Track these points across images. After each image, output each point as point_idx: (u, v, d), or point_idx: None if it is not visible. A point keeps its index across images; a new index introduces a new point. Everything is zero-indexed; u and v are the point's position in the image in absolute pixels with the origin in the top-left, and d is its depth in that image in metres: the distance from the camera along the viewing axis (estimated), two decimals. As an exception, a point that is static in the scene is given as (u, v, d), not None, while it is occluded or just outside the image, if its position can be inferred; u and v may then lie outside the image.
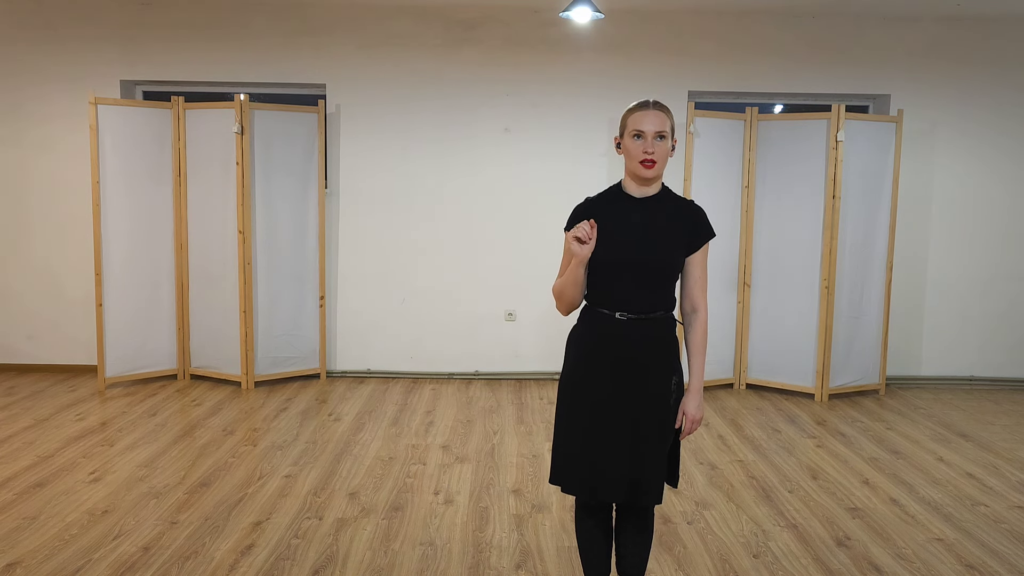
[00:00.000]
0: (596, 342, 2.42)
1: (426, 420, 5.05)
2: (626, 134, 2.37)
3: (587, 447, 2.40)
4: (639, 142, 2.33)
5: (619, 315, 2.37)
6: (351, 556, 3.19)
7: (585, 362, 2.44)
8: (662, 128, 2.32)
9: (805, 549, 3.32)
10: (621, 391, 2.38)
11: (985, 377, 6.21)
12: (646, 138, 2.32)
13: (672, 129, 2.35)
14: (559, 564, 3.16)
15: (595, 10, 4.98)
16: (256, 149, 5.61)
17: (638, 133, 2.33)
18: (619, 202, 2.42)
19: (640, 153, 2.32)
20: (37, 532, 3.35)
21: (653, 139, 2.32)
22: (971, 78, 6.00)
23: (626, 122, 2.38)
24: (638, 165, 2.34)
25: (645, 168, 2.33)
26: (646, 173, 2.34)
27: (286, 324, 5.84)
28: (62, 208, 5.99)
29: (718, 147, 5.66)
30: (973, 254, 6.14)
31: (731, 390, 5.88)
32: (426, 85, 5.97)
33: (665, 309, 2.42)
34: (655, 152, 2.32)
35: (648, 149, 2.32)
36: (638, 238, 2.36)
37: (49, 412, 5.05)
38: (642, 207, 2.40)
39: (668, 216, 2.41)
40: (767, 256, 5.78)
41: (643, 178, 2.37)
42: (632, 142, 2.35)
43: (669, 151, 2.36)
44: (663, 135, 2.32)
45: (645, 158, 2.32)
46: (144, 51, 5.92)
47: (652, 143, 2.32)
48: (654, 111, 2.33)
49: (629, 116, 2.37)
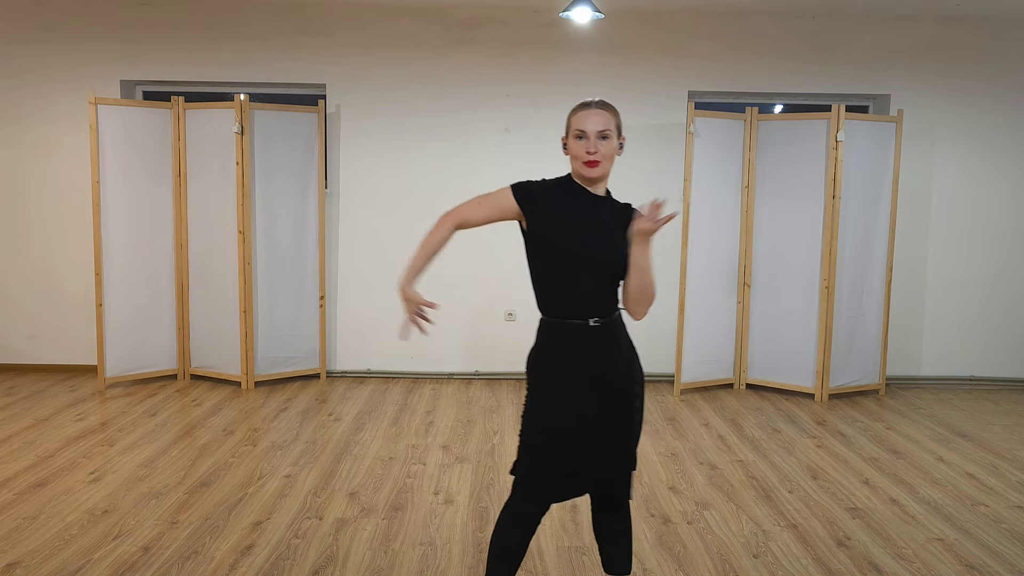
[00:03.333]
0: (573, 356, 2.35)
1: (426, 420, 5.05)
2: (570, 134, 2.33)
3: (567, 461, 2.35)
4: (582, 142, 2.30)
5: (592, 322, 2.33)
6: (351, 556, 3.19)
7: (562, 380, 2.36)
8: (605, 127, 2.28)
9: (805, 549, 3.32)
10: (598, 398, 2.36)
11: (985, 377, 6.21)
12: (588, 138, 2.28)
13: (618, 128, 2.32)
14: (559, 564, 3.16)
15: (595, 10, 4.98)
16: (256, 149, 5.61)
17: (580, 133, 2.29)
18: (573, 193, 2.37)
19: (583, 154, 2.29)
20: (37, 532, 3.35)
21: (596, 139, 2.28)
22: (971, 78, 6.00)
23: (570, 122, 2.34)
24: (582, 166, 2.31)
25: (589, 168, 2.30)
26: (590, 173, 2.31)
27: (286, 324, 5.84)
28: (62, 208, 5.99)
29: (718, 147, 5.66)
30: (973, 254, 6.14)
31: (731, 390, 5.88)
32: (426, 85, 5.97)
33: (618, 307, 2.42)
34: (598, 152, 2.28)
35: (591, 149, 2.28)
36: (597, 238, 2.33)
37: (49, 412, 5.05)
38: (599, 202, 2.37)
39: (617, 217, 2.38)
40: (767, 256, 5.78)
41: (588, 179, 2.33)
42: (575, 142, 2.31)
43: (616, 150, 2.33)
44: (606, 135, 2.28)
45: (588, 159, 2.28)
46: (144, 51, 5.92)
47: (595, 143, 2.28)
48: (596, 110, 2.29)
49: (572, 116, 2.34)
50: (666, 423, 5.06)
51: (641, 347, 6.58)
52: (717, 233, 5.75)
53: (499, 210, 2.38)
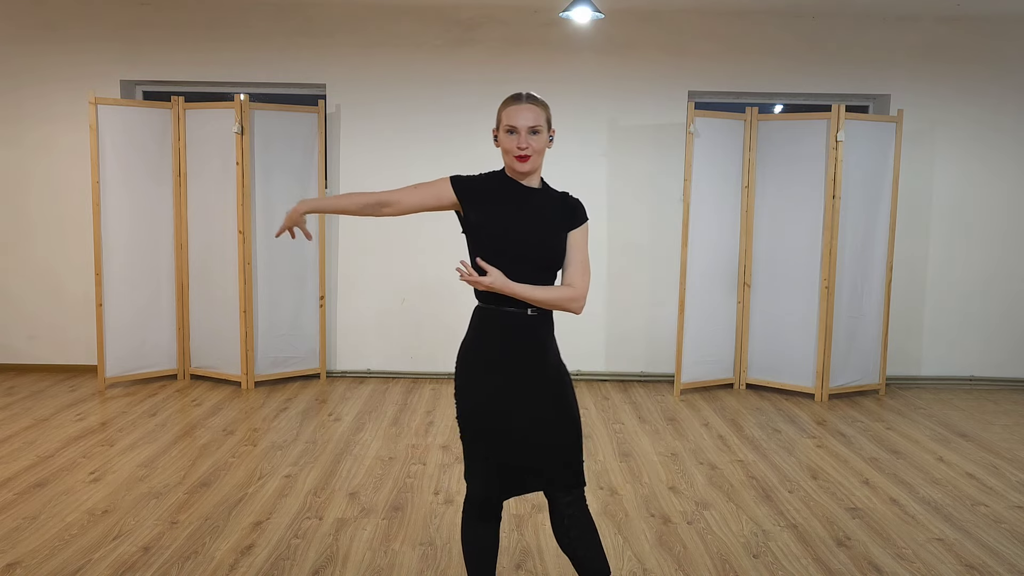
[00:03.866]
0: (508, 343, 2.38)
1: (426, 420, 5.05)
2: (501, 128, 2.37)
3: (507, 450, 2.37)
4: (512, 137, 2.33)
5: (531, 311, 2.36)
6: (351, 556, 3.19)
7: (495, 368, 2.38)
8: (535, 122, 2.32)
9: (805, 549, 3.32)
10: (532, 387, 2.37)
11: (985, 377, 6.21)
12: (519, 133, 2.32)
13: (548, 122, 2.37)
14: (559, 564, 3.16)
15: (595, 10, 4.98)
16: (256, 149, 5.61)
17: (511, 128, 2.33)
18: (506, 186, 2.41)
19: (514, 148, 2.33)
20: (37, 532, 3.35)
21: (527, 134, 2.32)
22: (971, 78, 6.00)
23: (500, 116, 2.37)
24: (513, 159, 2.35)
25: (520, 163, 2.34)
26: (521, 167, 2.35)
27: (286, 324, 5.85)
28: (62, 208, 5.99)
29: (718, 147, 5.66)
30: (973, 254, 6.14)
31: (731, 390, 5.88)
32: (426, 85, 5.97)
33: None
34: (529, 147, 2.32)
35: (521, 144, 2.32)
36: (529, 223, 2.36)
37: (49, 412, 5.05)
38: (531, 194, 2.41)
39: (552, 207, 2.41)
40: (767, 256, 5.78)
41: (520, 172, 2.37)
42: (506, 137, 2.35)
43: (547, 143, 2.37)
44: (537, 129, 2.33)
45: (519, 153, 2.33)
46: (144, 51, 5.92)
47: (525, 138, 2.32)
48: (527, 105, 2.34)
49: (503, 110, 2.37)
50: (666, 423, 5.06)
51: (641, 347, 6.55)
52: (717, 233, 5.75)
53: (436, 199, 2.43)
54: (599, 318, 6.06)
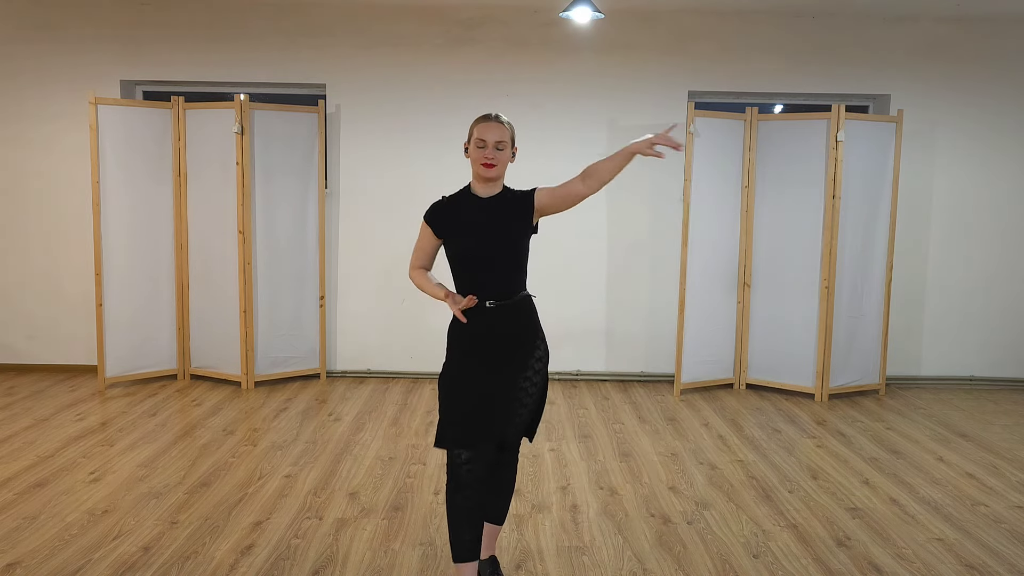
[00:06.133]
0: (474, 330, 2.72)
1: (426, 420, 5.05)
2: (472, 142, 2.77)
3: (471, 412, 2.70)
4: (482, 150, 2.73)
5: (489, 304, 2.70)
6: (351, 556, 3.19)
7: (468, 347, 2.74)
8: (502, 139, 2.74)
9: (805, 549, 3.32)
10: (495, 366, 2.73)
11: (985, 377, 6.21)
12: (488, 147, 2.73)
13: (512, 139, 2.78)
14: (559, 564, 3.16)
15: (595, 10, 4.98)
16: (256, 149, 5.61)
17: (481, 143, 2.73)
18: (467, 202, 2.81)
19: (482, 158, 2.74)
20: (37, 532, 3.35)
21: (494, 147, 2.73)
22: (971, 78, 6.01)
23: (472, 131, 2.77)
24: (480, 167, 2.75)
25: (486, 169, 2.74)
26: (487, 173, 2.74)
27: (286, 324, 5.85)
28: (62, 208, 5.99)
29: (718, 147, 5.66)
30: (973, 254, 6.14)
31: (731, 390, 5.88)
32: (426, 85, 5.97)
33: (523, 289, 2.80)
34: (495, 158, 2.73)
35: (488, 155, 2.73)
36: (486, 232, 2.73)
37: (49, 412, 5.05)
38: (488, 205, 2.78)
39: (509, 208, 2.78)
40: (767, 256, 5.78)
41: (484, 178, 2.76)
42: (476, 150, 2.75)
43: (510, 158, 2.79)
44: (501, 146, 2.74)
45: (486, 161, 2.73)
46: (144, 51, 5.92)
47: (493, 152, 2.73)
48: (495, 123, 2.75)
49: (475, 127, 2.77)
50: (666, 423, 5.06)
51: (641, 347, 6.57)
52: (717, 233, 5.75)
53: (431, 242, 2.86)
54: (599, 318, 6.06)
